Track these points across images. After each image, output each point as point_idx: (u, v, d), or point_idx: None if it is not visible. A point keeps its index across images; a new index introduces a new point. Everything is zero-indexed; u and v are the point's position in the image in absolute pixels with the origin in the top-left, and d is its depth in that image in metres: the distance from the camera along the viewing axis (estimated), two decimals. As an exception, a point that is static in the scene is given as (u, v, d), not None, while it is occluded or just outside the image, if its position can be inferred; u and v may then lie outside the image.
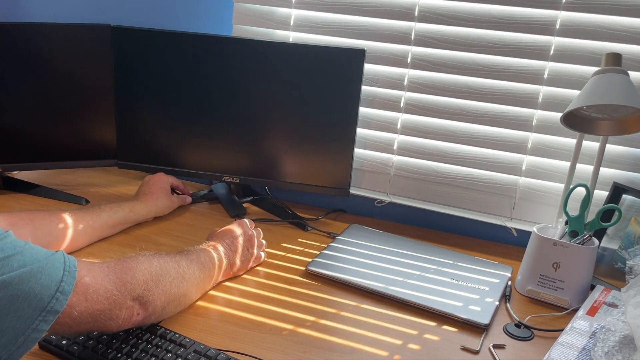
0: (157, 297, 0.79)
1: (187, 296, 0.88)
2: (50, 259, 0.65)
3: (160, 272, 0.81)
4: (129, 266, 0.77)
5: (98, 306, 0.70)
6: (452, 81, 1.22)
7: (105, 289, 0.71)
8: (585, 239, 1.01)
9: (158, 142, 1.30)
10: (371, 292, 1.01)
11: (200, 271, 0.91)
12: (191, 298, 0.91)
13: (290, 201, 1.40)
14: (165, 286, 0.81)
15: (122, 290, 0.73)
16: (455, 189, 1.28)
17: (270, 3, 1.28)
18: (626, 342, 0.82)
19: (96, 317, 0.70)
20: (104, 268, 0.73)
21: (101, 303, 0.70)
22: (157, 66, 1.24)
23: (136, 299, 0.76)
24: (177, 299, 0.85)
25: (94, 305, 0.69)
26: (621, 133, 1.03)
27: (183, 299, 0.87)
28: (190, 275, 0.87)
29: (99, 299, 0.70)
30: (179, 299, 0.86)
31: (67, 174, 1.44)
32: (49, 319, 0.63)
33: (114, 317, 0.73)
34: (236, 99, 1.24)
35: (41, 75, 1.25)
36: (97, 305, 0.69)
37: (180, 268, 0.86)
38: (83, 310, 0.68)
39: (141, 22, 1.37)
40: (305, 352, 0.85)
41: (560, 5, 1.10)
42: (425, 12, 1.19)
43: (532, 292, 1.05)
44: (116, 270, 0.75)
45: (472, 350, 0.88)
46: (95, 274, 0.71)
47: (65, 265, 0.66)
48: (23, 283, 0.61)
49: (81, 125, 1.31)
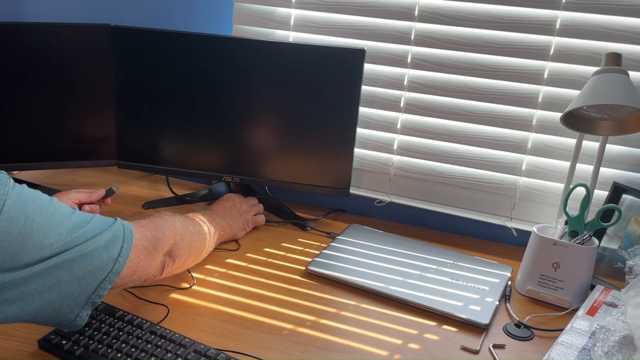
0: (182, 250, 0.90)
1: (202, 249, 1.00)
2: (113, 227, 0.75)
3: (183, 229, 0.91)
4: (159, 224, 0.86)
5: (140, 262, 0.79)
6: (452, 81, 1.22)
7: (144, 247, 0.80)
8: (585, 239, 1.01)
9: (158, 142, 1.30)
10: (371, 292, 1.01)
11: (207, 228, 1.02)
12: (204, 252, 1.02)
13: (290, 201, 1.40)
14: (187, 240, 0.92)
15: (156, 246, 0.83)
16: (455, 189, 1.29)
17: (270, 3, 1.28)
18: (626, 342, 0.82)
19: (139, 272, 0.79)
20: (141, 228, 0.82)
21: (142, 260, 0.79)
22: (157, 66, 1.24)
23: (167, 254, 0.86)
24: (195, 252, 0.97)
25: (137, 263, 0.78)
26: (621, 133, 1.03)
27: (199, 252, 0.99)
28: (202, 231, 0.99)
29: (139, 257, 0.79)
30: (197, 252, 0.98)
31: (67, 174, 1.44)
32: (112, 279, 0.73)
33: (152, 271, 0.83)
34: (236, 98, 1.24)
35: (41, 75, 1.25)
36: (139, 262, 0.79)
37: (194, 225, 0.97)
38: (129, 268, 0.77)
39: (141, 22, 1.37)
40: (305, 352, 0.85)
41: (560, 5, 1.10)
42: (425, 12, 1.19)
43: (532, 292, 1.05)
44: (150, 228, 0.83)
45: (472, 350, 0.88)
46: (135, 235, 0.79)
47: (125, 231, 0.76)
48: (95, 250, 0.71)
49: (81, 125, 1.31)
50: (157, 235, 0.83)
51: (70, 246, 0.69)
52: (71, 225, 0.70)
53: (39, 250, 0.66)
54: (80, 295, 0.70)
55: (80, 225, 0.71)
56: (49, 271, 0.67)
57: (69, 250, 0.68)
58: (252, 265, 1.09)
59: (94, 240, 0.71)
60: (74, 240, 0.69)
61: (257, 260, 1.11)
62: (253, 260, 1.11)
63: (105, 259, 0.72)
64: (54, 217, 0.68)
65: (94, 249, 0.71)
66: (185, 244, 0.91)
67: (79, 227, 0.71)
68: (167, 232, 0.86)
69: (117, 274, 0.74)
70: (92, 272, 0.71)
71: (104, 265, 0.72)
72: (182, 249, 0.90)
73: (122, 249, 0.75)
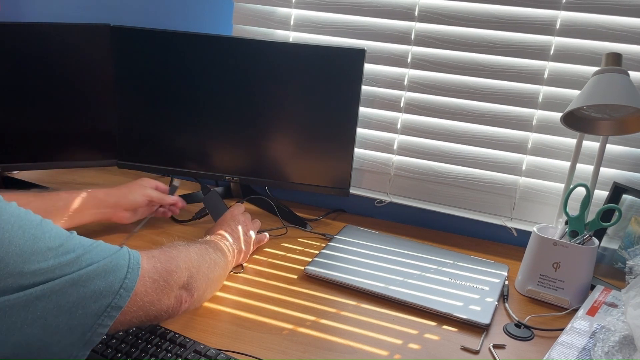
0: (199, 283, 0.82)
1: (219, 280, 0.94)
2: (115, 256, 0.67)
3: (198, 259, 0.84)
4: (171, 255, 0.78)
5: (147, 297, 0.70)
6: (452, 81, 1.22)
7: (153, 280, 0.71)
8: (585, 239, 1.01)
9: (158, 142, 1.30)
10: (372, 295, 1.01)
11: (223, 257, 0.94)
12: (221, 282, 0.96)
13: (290, 201, 1.40)
14: (204, 272, 0.84)
15: (168, 280, 0.74)
16: (455, 188, 1.28)
17: (270, 3, 1.28)
18: (626, 342, 0.82)
19: (146, 309, 0.70)
20: (151, 259, 0.74)
21: (149, 295, 0.70)
22: (157, 66, 1.24)
23: (183, 287, 0.78)
24: (213, 283, 0.90)
25: (144, 298, 0.69)
26: (621, 133, 1.03)
27: (217, 283, 0.93)
28: (218, 260, 0.91)
29: (147, 291, 0.70)
30: (215, 283, 0.91)
31: (67, 174, 1.44)
32: (113, 314, 0.64)
33: (164, 307, 0.74)
34: (236, 99, 1.24)
35: (41, 75, 1.25)
36: (146, 297, 0.70)
37: (209, 254, 0.89)
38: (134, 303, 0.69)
39: (141, 22, 1.37)
40: (305, 352, 0.85)
41: (560, 5, 1.10)
42: (425, 12, 1.19)
43: (532, 292, 1.05)
44: (161, 259, 0.75)
45: (472, 350, 0.88)
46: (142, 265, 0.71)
47: (130, 261, 0.68)
48: (90, 280, 0.63)
49: (81, 125, 1.31)
50: (169, 268, 0.75)
51: (59, 275, 0.60)
52: (63, 251, 0.62)
53: (17, 277, 0.58)
54: (73, 332, 0.62)
55: (75, 252, 0.63)
56: (32, 302, 0.59)
57: (57, 279, 0.60)
58: (252, 265, 1.09)
59: (90, 268, 0.63)
60: (64, 268, 0.61)
61: (257, 260, 1.11)
62: (253, 260, 1.11)
63: (103, 290, 0.63)
64: (40, 241, 0.61)
65: (88, 279, 0.62)
66: (203, 275, 0.83)
67: (72, 253, 0.63)
68: (181, 264, 0.78)
69: (119, 308, 0.65)
70: (86, 304, 0.62)
71: (101, 298, 0.63)
72: (199, 281, 0.82)
73: (125, 280, 0.66)
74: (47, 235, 0.62)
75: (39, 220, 0.63)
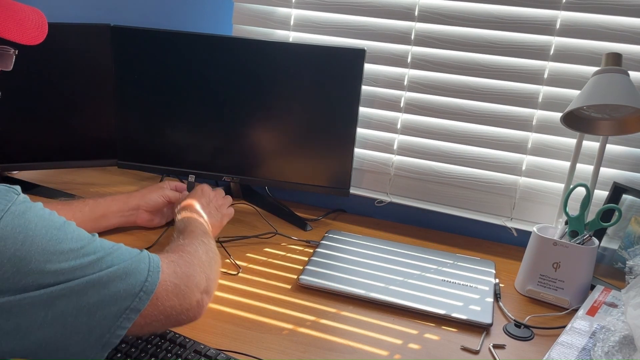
0: (213, 282, 0.83)
1: (220, 269, 0.93)
2: (135, 259, 0.68)
3: (208, 260, 0.84)
4: (188, 260, 0.78)
5: (168, 302, 0.71)
6: (452, 81, 1.22)
7: (174, 284, 0.72)
8: (585, 239, 1.01)
9: (158, 142, 1.30)
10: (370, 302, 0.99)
11: (212, 240, 0.94)
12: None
13: (290, 201, 1.40)
14: (215, 270, 0.86)
15: (189, 285, 0.74)
16: (455, 189, 1.28)
17: (270, 3, 1.28)
18: (626, 342, 0.82)
19: (167, 313, 0.71)
20: (171, 264, 0.74)
21: (171, 299, 0.71)
22: (157, 66, 1.24)
23: (204, 291, 0.78)
24: (219, 275, 0.91)
25: (165, 302, 0.70)
26: (621, 133, 1.03)
27: (219, 274, 0.92)
28: (214, 249, 0.91)
29: (169, 295, 0.71)
30: (218, 276, 0.91)
31: (67, 174, 1.44)
32: (131, 317, 0.65)
33: (185, 311, 0.74)
34: (236, 98, 1.24)
35: (41, 75, 1.25)
36: (167, 301, 0.70)
37: (207, 246, 0.88)
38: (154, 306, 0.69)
39: (141, 22, 1.37)
40: (305, 352, 0.85)
41: (560, 5, 1.10)
42: (425, 12, 1.19)
43: (532, 292, 1.05)
44: (180, 264, 0.76)
45: (472, 350, 0.88)
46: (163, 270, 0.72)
47: (150, 265, 0.69)
48: (110, 282, 0.64)
49: (81, 125, 1.31)
50: (189, 272, 0.76)
51: (80, 275, 0.62)
52: (84, 252, 0.64)
53: (38, 275, 0.59)
54: (92, 333, 0.63)
55: (96, 254, 0.65)
56: (52, 301, 0.60)
57: (77, 280, 0.62)
58: (252, 265, 1.09)
59: (110, 270, 0.65)
60: (85, 269, 0.63)
61: (257, 260, 1.11)
62: (253, 260, 1.11)
63: (122, 292, 0.65)
64: (62, 242, 0.62)
65: (109, 281, 0.64)
66: (214, 274, 0.85)
67: (93, 255, 0.64)
68: (197, 269, 0.78)
69: (138, 311, 0.66)
70: (105, 306, 0.63)
71: (121, 300, 0.65)
72: (213, 280, 0.83)
73: (145, 283, 0.67)
74: (70, 237, 0.64)
75: (62, 222, 0.65)
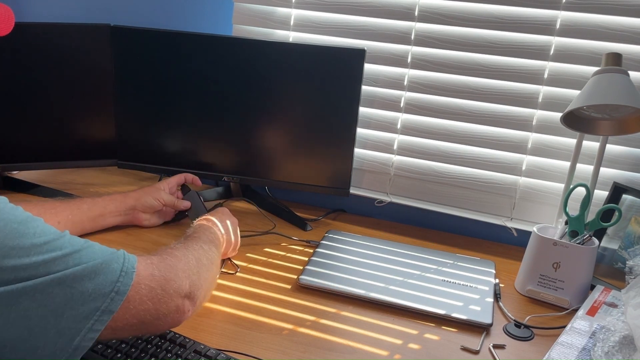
0: (201, 289, 0.79)
1: (215, 279, 0.90)
2: (108, 258, 0.65)
3: (197, 264, 0.80)
4: (170, 263, 0.74)
5: (142, 306, 0.67)
6: (452, 81, 1.22)
7: (150, 287, 0.68)
8: (585, 239, 1.01)
9: (158, 142, 1.30)
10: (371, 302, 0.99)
11: (216, 249, 0.91)
12: (216, 279, 0.92)
13: (290, 201, 1.40)
14: (205, 276, 0.81)
15: (167, 289, 0.71)
16: (455, 189, 1.28)
17: (270, 3, 1.28)
18: (626, 342, 0.82)
19: (141, 317, 0.67)
20: (149, 266, 0.71)
21: (145, 303, 0.67)
22: (157, 66, 1.24)
23: (186, 297, 0.74)
24: (212, 285, 0.87)
25: (138, 306, 0.67)
26: (621, 133, 1.03)
27: (214, 283, 0.90)
28: (213, 256, 0.88)
29: (143, 299, 0.67)
30: (212, 284, 0.87)
31: (67, 174, 1.44)
32: (103, 319, 0.62)
33: (162, 316, 0.70)
34: (236, 99, 1.24)
35: (41, 75, 1.25)
36: (141, 305, 0.67)
37: (206, 252, 0.85)
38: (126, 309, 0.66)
39: (141, 22, 1.37)
40: (305, 352, 0.85)
41: (560, 5, 1.10)
42: (425, 12, 1.19)
43: (532, 292, 1.05)
44: (160, 267, 0.72)
45: (472, 350, 0.88)
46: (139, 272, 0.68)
47: (124, 265, 0.66)
48: (77, 281, 0.61)
49: (81, 125, 1.31)
50: (168, 276, 0.72)
51: (44, 272, 0.58)
52: (49, 248, 0.60)
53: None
54: (61, 336, 0.59)
55: (62, 250, 0.61)
56: (14, 300, 0.57)
57: (41, 277, 0.58)
58: (252, 265, 1.09)
59: (78, 268, 0.61)
60: (49, 266, 0.59)
61: (257, 260, 1.11)
62: (253, 260, 1.11)
63: (92, 292, 0.61)
64: (23, 236, 0.59)
65: (76, 279, 0.60)
66: (203, 280, 0.80)
67: (59, 251, 0.61)
68: (180, 273, 0.74)
69: (110, 312, 0.62)
70: (74, 306, 0.60)
71: (90, 300, 0.61)
72: (200, 287, 0.78)
73: (117, 284, 0.64)
74: (33, 232, 0.60)
75: (25, 217, 0.61)
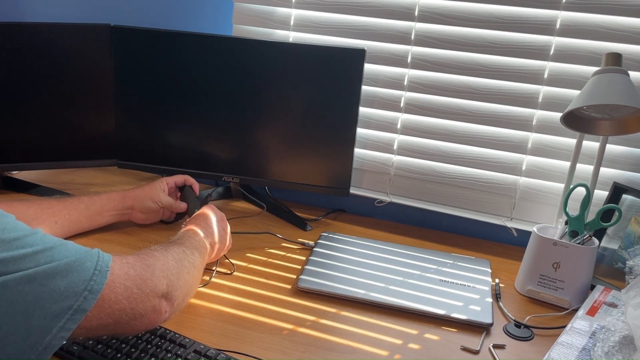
0: (179, 290, 0.77)
1: (197, 283, 0.89)
2: (81, 256, 0.63)
3: (176, 265, 0.79)
4: (147, 263, 0.74)
5: (117, 305, 0.66)
6: (452, 81, 1.22)
7: (125, 287, 0.67)
8: (585, 239, 1.01)
9: (158, 142, 1.30)
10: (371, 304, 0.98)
11: (200, 255, 0.90)
12: (198, 284, 0.92)
13: (290, 201, 1.40)
14: (184, 277, 0.80)
15: (143, 288, 0.70)
16: (455, 189, 1.28)
17: (270, 3, 1.28)
18: (626, 342, 0.82)
19: (116, 317, 0.66)
20: (125, 265, 0.69)
21: (120, 302, 0.66)
22: (157, 66, 1.24)
23: (162, 297, 0.73)
24: (192, 288, 0.86)
25: (113, 305, 0.65)
26: (621, 133, 1.03)
27: (195, 287, 0.88)
28: (195, 261, 0.87)
29: (118, 298, 0.66)
30: (193, 288, 0.86)
31: (67, 174, 1.44)
32: (76, 317, 0.61)
33: (138, 316, 0.69)
34: (236, 98, 1.24)
35: (41, 75, 1.25)
36: (116, 304, 0.66)
37: (187, 256, 0.85)
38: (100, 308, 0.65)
39: (141, 22, 1.37)
40: (305, 352, 0.85)
41: (560, 5, 1.10)
42: (425, 12, 1.19)
43: (532, 292, 1.05)
44: (136, 267, 0.71)
45: (472, 350, 0.88)
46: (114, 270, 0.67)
47: (98, 264, 0.64)
48: (48, 279, 0.59)
49: (81, 125, 1.31)
50: (144, 276, 0.70)
51: (13, 269, 0.57)
52: (18, 245, 0.58)
53: None
54: (32, 334, 0.58)
55: (32, 247, 0.59)
56: None
57: (10, 274, 0.57)
58: (252, 265, 1.09)
59: (49, 266, 0.59)
60: (18, 263, 0.57)
61: (257, 260, 1.11)
62: (253, 260, 1.11)
63: (63, 290, 0.60)
64: None
65: (46, 277, 0.59)
66: (183, 282, 0.79)
67: (29, 248, 0.59)
68: (157, 272, 0.73)
69: (83, 312, 0.61)
70: (45, 304, 0.58)
71: (62, 298, 0.59)
72: (178, 289, 0.77)
73: (90, 282, 0.62)
74: (2, 228, 0.58)
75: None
